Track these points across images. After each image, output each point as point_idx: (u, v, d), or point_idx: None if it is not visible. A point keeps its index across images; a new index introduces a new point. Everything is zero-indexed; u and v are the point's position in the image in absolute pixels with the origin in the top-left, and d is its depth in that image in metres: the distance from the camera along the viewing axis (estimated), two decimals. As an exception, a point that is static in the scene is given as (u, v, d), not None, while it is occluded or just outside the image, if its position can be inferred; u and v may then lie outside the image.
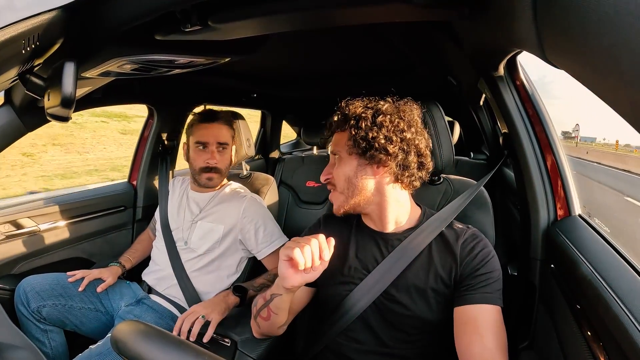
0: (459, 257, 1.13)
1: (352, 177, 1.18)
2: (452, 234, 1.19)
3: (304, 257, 0.96)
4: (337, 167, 1.21)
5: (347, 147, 1.18)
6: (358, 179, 1.18)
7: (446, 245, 1.17)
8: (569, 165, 1.32)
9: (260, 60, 1.98)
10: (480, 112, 2.75)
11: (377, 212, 1.22)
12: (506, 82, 1.41)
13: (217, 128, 1.79)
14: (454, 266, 1.13)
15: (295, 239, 1.03)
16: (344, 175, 1.19)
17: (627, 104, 0.48)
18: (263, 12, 1.00)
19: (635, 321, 0.73)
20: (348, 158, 1.19)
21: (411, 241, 1.18)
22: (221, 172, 1.81)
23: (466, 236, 1.17)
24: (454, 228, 1.21)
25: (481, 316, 1.04)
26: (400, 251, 1.18)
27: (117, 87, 1.75)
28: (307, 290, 1.31)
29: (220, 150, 1.79)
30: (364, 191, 1.18)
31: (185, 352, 0.58)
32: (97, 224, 2.22)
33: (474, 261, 1.11)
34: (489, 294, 1.07)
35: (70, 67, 0.88)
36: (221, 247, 1.75)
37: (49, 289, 1.66)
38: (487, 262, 1.11)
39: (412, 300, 1.14)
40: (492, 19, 0.92)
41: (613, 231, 5.60)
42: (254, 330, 1.32)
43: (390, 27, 1.59)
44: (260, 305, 1.23)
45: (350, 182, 1.19)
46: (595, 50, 0.48)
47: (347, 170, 1.19)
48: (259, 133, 3.79)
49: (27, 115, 1.27)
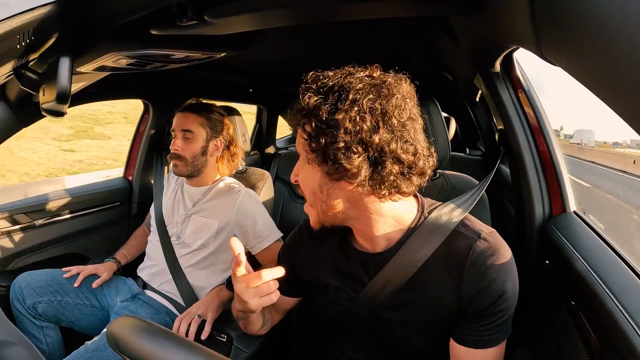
0: (464, 287, 0.88)
1: (317, 192, 0.91)
2: (458, 249, 0.91)
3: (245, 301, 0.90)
4: (301, 174, 0.96)
5: (305, 152, 0.90)
6: (323, 193, 0.90)
7: (449, 266, 0.91)
8: (564, 162, 1.32)
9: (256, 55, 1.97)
10: (476, 108, 2.76)
11: (363, 228, 0.96)
12: (502, 78, 1.41)
13: (184, 117, 1.78)
14: (456, 296, 0.90)
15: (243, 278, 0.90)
16: (309, 187, 0.93)
17: (623, 102, 0.48)
18: (259, 7, 1.00)
19: (629, 317, 0.73)
20: (309, 167, 0.91)
21: (402, 255, 0.94)
22: (186, 160, 1.77)
23: (475, 255, 0.88)
24: (461, 237, 0.92)
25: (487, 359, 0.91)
26: (388, 271, 0.95)
27: (113, 82, 1.74)
28: (291, 300, 1.22)
29: (184, 138, 1.77)
30: (334, 207, 0.91)
31: (180, 347, 0.58)
32: (93, 220, 2.22)
33: (488, 297, 0.87)
34: (496, 335, 0.90)
35: (65, 62, 0.88)
36: (216, 243, 1.75)
37: (45, 285, 1.66)
38: (504, 297, 0.87)
39: (407, 330, 0.98)
40: (489, 15, 0.92)
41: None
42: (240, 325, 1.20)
43: (387, 22, 1.58)
44: (234, 313, 1.08)
45: (315, 195, 0.92)
46: (592, 48, 0.48)
47: (310, 182, 0.92)
48: (255, 128, 3.78)
49: (21, 110, 1.26)
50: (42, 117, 1.27)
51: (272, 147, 3.80)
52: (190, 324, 1.44)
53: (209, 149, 1.81)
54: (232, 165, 1.95)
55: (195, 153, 1.76)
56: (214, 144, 1.82)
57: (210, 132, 1.80)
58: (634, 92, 0.43)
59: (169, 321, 1.64)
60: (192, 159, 1.77)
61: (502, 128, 1.49)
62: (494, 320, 0.88)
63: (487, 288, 0.86)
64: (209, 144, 1.80)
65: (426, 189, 1.08)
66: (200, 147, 1.77)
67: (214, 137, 1.81)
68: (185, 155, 1.75)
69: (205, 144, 1.79)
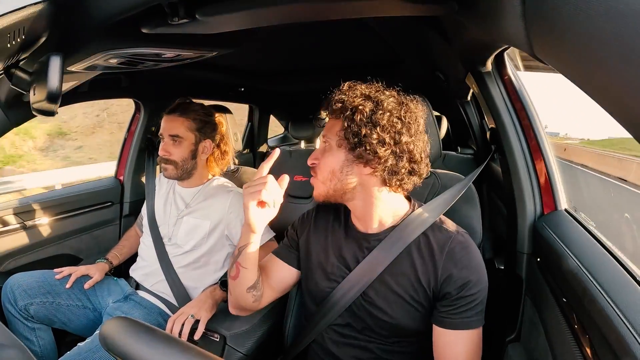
0: (440, 270, 1.08)
1: (336, 171, 1.12)
2: (438, 239, 1.12)
3: (271, 195, 1.05)
4: (324, 156, 1.15)
5: (337, 138, 1.11)
6: (342, 174, 1.12)
7: (430, 252, 1.11)
8: (555, 160, 1.33)
9: (248, 54, 1.97)
10: (467, 107, 2.77)
11: (361, 209, 1.17)
12: (494, 77, 1.42)
13: (171, 120, 1.76)
14: (432, 278, 1.08)
15: (249, 183, 1.08)
16: (329, 167, 1.13)
17: (614, 101, 0.48)
18: (251, 6, 0.99)
19: (620, 313, 0.74)
20: (336, 150, 1.12)
21: (392, 239, 1.14)
22: (175, 164, 1.76)
23: (452, 245, 1.09)
24: (442, 230, 1.14)
25: (459, 342, 1.05)
26: (379, 250, 1.14)
27: (104, 81, 1.73)
28: (289, 271, 1.31)
29: (173, 143, 1.76)
30: (346, 186, 1.13)
31: (174, 348, 0.58)
32: (84, 220, 2.21)
33: (457, 281, 1.05)
34: (469, 319, 1.05)
35: (56, 61, 0.87)
36: (208, 244, 1.74)
37: (36, 286, 1.65)
38: (471, 282, 1.05)
39: (389, 307, 1.12)
40: (481, 15, 0.92)
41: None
42: (230, 305, 1.27)
43: (379, 22, 1.59)
44: (230, 263, 1.21)
45: (334, 175, 1.13)
46: (582, 47, 0.49)
47: (333, 163, 1.13)
48: (247, 127, 3.78)
49: (12, 110, 1.25)
50: (33, 117, 1.26)
51: (265, 146, 3.79)
52: (184, 324, 1.43)
53: (199, 151, 1.80)
54: (223, 163, 1.94)
55: (185, 157, 1.76)
56: (203, 145, 1.81)
57: (198, 135, 1.78)
58: (623, 90, 0.44)
59: (161, 322, 1.63)
60: (182, 163, 1.76)
61: (493, 127, 1.50)
62: (463, 305, 1.05)
63: (457, 274, 1.06)
64: (198, 146, 1.79)
65: (418, 188, 1.12)
66: (189, 150, 1.77)
67: (203, 139, 1.80)
68: (175, 159, 1.75)
69: (194, 147, 1.78)
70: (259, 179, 1.07)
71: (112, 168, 2.54)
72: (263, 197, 1.04)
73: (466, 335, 1.05)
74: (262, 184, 1.05)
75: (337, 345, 1.21)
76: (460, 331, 1.05)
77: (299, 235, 1.33)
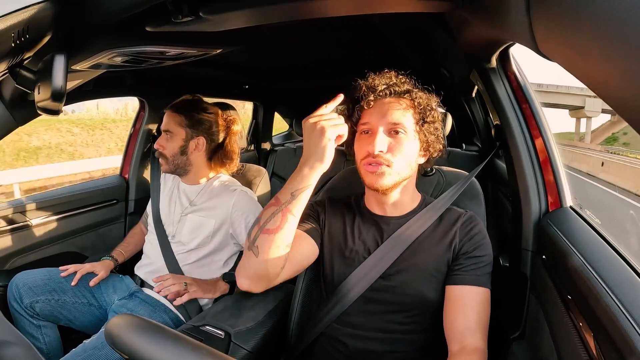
0: (458, 235, 1.15)
1: (411, 161, 1.13)
2: (451, 216, 1.21)
3: (345, 125, 1.05)
4: (401, 144, 1.10)
5: (413, 124, 1.12)
6: (414, 163, 1.16)
7: (447, 225, 1.18)
8: (560, 157, 1.33)
9: (252, 51, 1.97)
10: (472, 103, 2.76)
11: (397, 194, 1.20)
12: (498, 74, 1.41)
13: (166, 116, 1.80)
14: (454, 243, 1.15)
15: (326, 116, 1.04)
16: (407, 156, 1.11)
17: (619, 96, 0.48)
18: (255, 3, 0.99)
19: (625, 311, 0.74)
20: (414, 136, 1.12)
21: (410, 226, 1.17)
22: (166, 158, 1.79)
23: (465, 217, 1.19)
24: (454, 211, 1.23)
25: (468, 296, 1.09)
26: (399, 235, 1.17)
27: (108, 79, 1.74)
28: (311, 248, 1.23)
29: (166, 137, 1.79)
30: (411, 173, 1.16)
31: (181, 346, 0.58)
32: (89, 218, 2.21)
33: (471, 242, 1.14)
34: (479, 277, 1.11)
35: (60, 59, 0.87)
36: (213, 242, 1.75)
37: (42, 284, 1.66)
38: (481, 246, 1.14)
39: (413, 280, 1.14)
40: (486, 11, 0.92)
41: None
42: (244, 275, 1.12)
43: (384, 18, 1.58)
44: (269, 215, 1.06)
45: (410, 165, 1.13)
46: (588, 43, 0.49)
47: (411, 153, 1.12)
48: (251, 124, 3.78)
49: (17, 109, 1.25)
50: (38, 116, 1.26)
51: (269, 144, 3.80)
52: (175, 287, 1.55)
53: (189, 148, 1.80)
54: (229, 167, 1.94)
55: (174, 152, 1.77)
56: (195, 143, 1.80)
57: (190, 132, 1.78)
58: (629, 86, 0.44)
59: (167, 319, 1.64)
60: (172, 158, 1.77)
61: (498, 123, 1.49)
62: (473, 264, 1.12)
63: (471, 239, 1.15)
64: (189, 143, 1.79)
65: (422, 185, 1.13)
66: (179, 146, 1.77)
67: (195, 136, 1.80)
68: (166, 154, 1.77)
69: (184, 144, 1.78)
70: (332, 114, 1.05)
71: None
72: (341, 130, 1.02)
73: (475, 292, 1.09)
74: (339, 117, 1.04)
75: (348, 336, 1.18)
76: (471, 287, 1.09)
77: (319, 215, 1.30)
